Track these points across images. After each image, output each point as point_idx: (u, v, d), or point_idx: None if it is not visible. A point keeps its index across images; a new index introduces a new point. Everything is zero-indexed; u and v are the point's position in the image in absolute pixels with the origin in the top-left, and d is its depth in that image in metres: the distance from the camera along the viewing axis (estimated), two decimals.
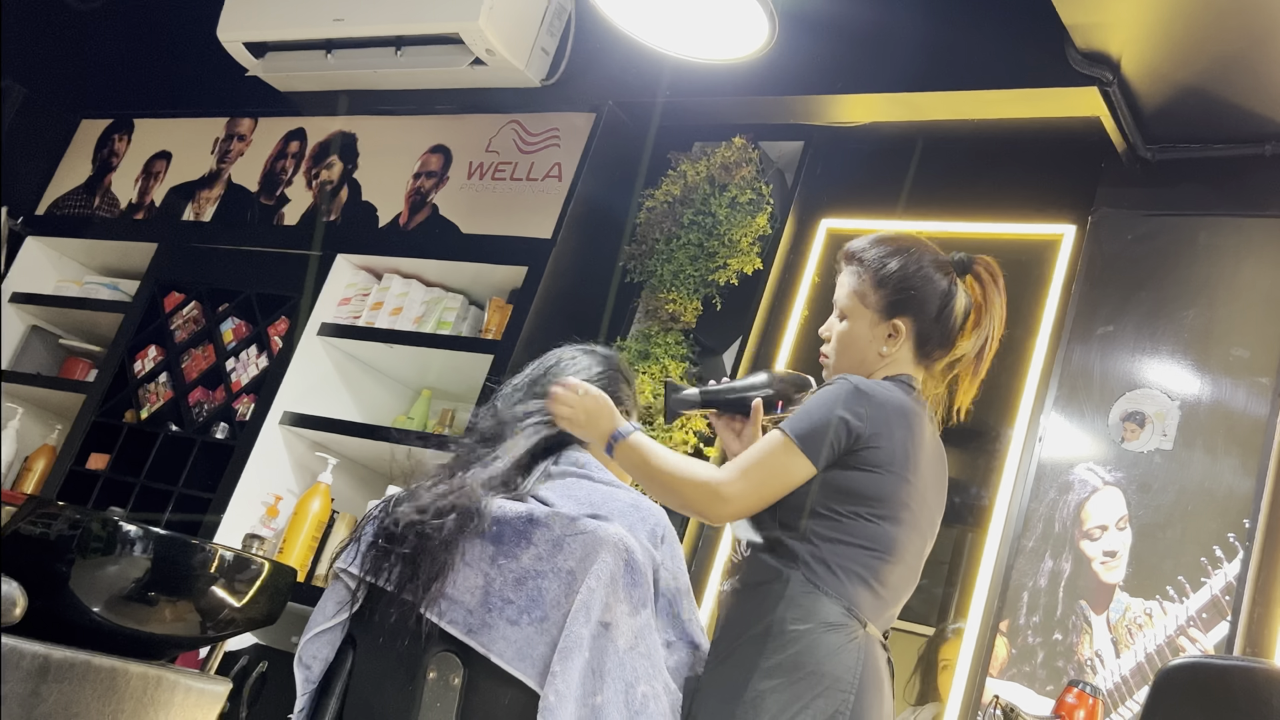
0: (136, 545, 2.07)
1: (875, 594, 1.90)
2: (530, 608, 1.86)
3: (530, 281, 3.36)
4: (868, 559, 1.90)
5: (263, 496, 3.52)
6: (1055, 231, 3.09)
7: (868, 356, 2.07)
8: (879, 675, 1.88)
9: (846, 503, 1.91)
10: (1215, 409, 2.72)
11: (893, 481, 1.93)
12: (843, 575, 1.88)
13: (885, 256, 2.08)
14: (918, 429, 1.98)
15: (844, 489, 1.91)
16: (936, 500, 2.05)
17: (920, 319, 2.06)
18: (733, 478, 1.92)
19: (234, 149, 4.23)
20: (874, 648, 1.89)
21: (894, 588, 1.95)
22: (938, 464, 2.06)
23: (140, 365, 3.94)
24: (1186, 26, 2.59)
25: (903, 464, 1.94)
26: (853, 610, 1.87)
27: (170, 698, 2.08)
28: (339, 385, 3.72)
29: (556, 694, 1.77)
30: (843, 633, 1.85)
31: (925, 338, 2.07)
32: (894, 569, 1.93)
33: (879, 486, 1.92)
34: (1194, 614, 2.57)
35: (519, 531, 1.93)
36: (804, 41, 3.17)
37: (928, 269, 2.07)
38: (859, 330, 2.08)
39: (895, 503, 1.93)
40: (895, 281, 2.06)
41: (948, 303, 2.07)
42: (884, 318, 2.06)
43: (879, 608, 1.91)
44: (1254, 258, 2.81)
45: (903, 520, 1.94)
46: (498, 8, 3.39)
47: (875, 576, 1.90)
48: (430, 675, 1.91)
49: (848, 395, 1.93)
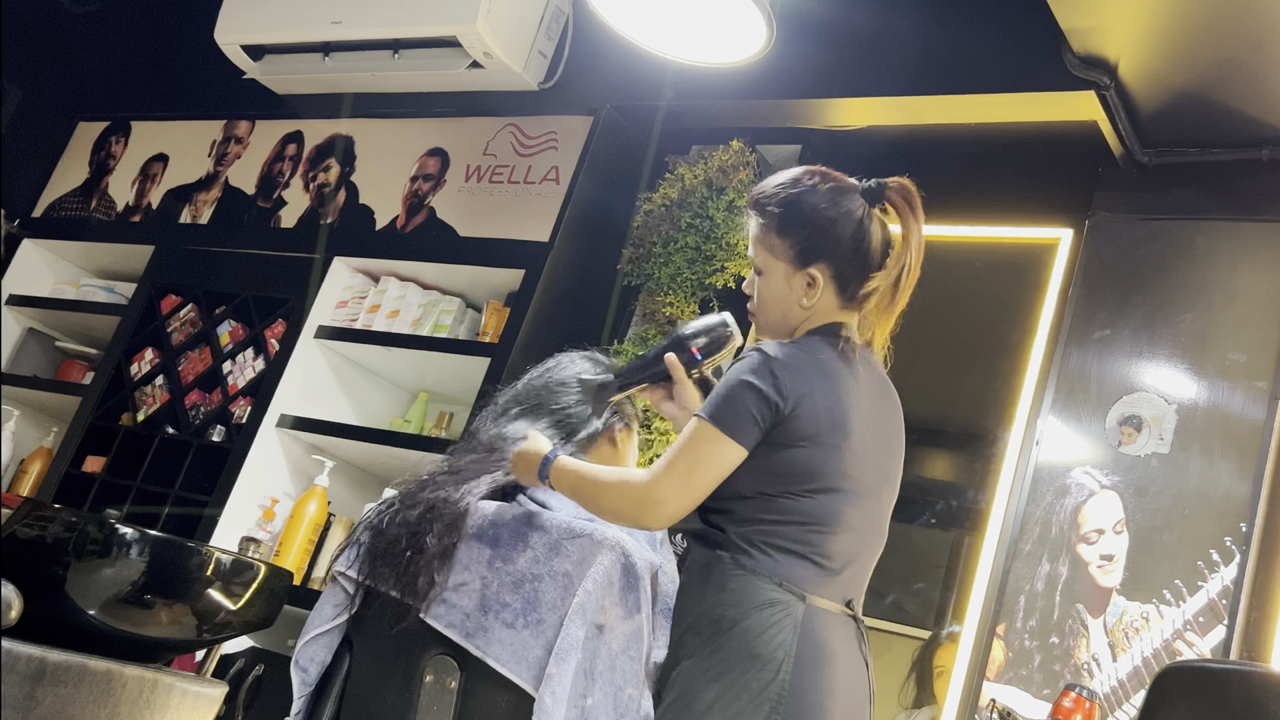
0: (133, 548, 2.07)
1: (817, 565, 1.80)
2: (527, 611, 1.86)
3: (528, 284, 3.36)
4: (803, 534, 1.80)
5: (259, 499, 3.52)
6: (1052, 235, 3.09)
7: (790, 311, 1.94)
8: (823, 645, 1.77)
9: (776, 483, 1.80)
10: (1212, 413, 2.72)
11: (822, 453, 1.81)
12: (774, 553, 1.79)
13: (786, 200, 1.93)
14: (844, 387, 1.85)
15: (771, 469, 1.81)
16: (887, 453, 1.93)
17: (836, 261, 1.90)
18: (659, 476, 1.80)
19: (231, 151, 4.22)
20: (817, 618, 1.78)
21: (844, 555, 1.83)
22: (881, 414, 1.93)
23: (137, 368, 3.93)
24: (1184, 31, 2.59)
25: (831, 431, 1.81)
26: (786, 585, 1.77)
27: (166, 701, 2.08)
28: (336, 388, 3.72)
29: (552, 695, 1.77)
30: (774, 610, 1.75)
31: (846, 279, 1.91)
32: (837, 538, 1.82)
33: (807, 461, 1.80)
34: (1191, 618, 2.57)
35: (516, 534, 1.93)
36: (802, 45, 3.17)
37: (836, 204, 1.92)
38: (775, 284, 1.94)
39: (828, 474, 1.81)
40: (801, 225, 1.91)
41: (862, 238, 1.91)
42: (797, 267, 1.92)
43: (824, 578, 1.81)
44: (1251, 262, 2.82)
45: (842, 489, 1.82)
46: (495, 11, 3.39)
47: (814, 549, 1.80)
48: (427, 678, 1.91)
49: (758, 368, 1.81)
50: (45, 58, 4.54)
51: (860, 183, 1.97)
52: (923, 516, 3.51)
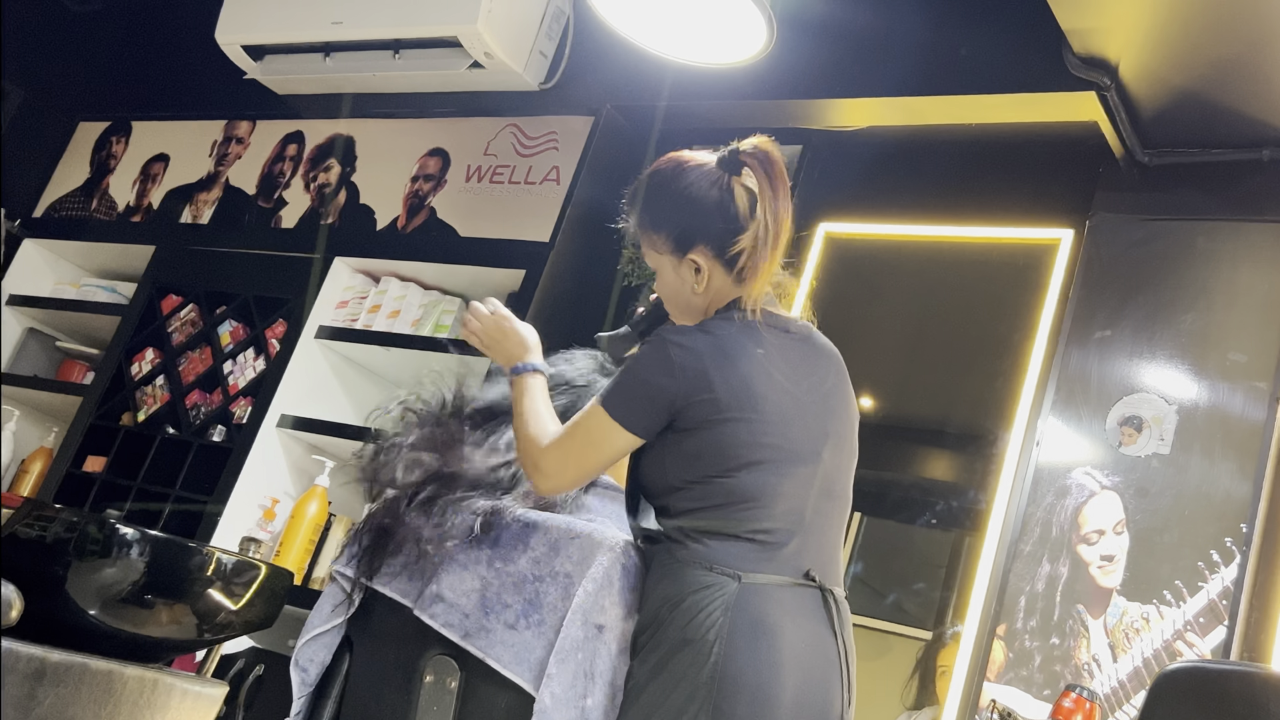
0: (133, 548, 2.07)
1: (754, 542, 1.78)
2: (528, 611, 1.86)
3: (528, 285, 3.36)
4: (733, 514, 1.78)
5: (259, 499, 3.52)
6: (1053, 236, 3.09)
7: (690, 301, 1.95)
8: (761, 620, 1.73)
9: (697, 468, 1.80)
10: (1212, 413, 2.72)
11: (733, 429, 1.79)
12: (705, 539, 1.78)
13: (648, 195, 1.96)
14: (746, 359, 1.83)
15: (689, 454, 1.80)
16: (823, 412, 1.89)
17: (711, 240, 1.90)
18: (550, 449, 1.84)
19: (232, 151, 4.22)
20: (754, 594, 1.74)
21: (785, 528, 1.80)
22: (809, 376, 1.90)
23: (137, 368, 3.93)
24: (1184, 31, 2.59)
25: (740, 405, 1.80)
26: (718, 568, 1.75)
27: (167, 701, 2.08)
28: (336, 388, 3.72)
29: (552, 696, 1.77)
30: (705, 594, 1.74)
31: (729, 255, 1.89)
32: (773, 510, 1.80)
33: (720, 440, 1.79)
34: (1191, 619, 2.57)
35: (516, 535, 1.93)
36: (802, 46, 3.17)
37: (694, 185, 1.91)
38: (668, 279, 1.96)
39: (746, 448, 1.79)
40: (668, 215, 1.93)
41: (728, 209, 1.90)
42: (679, 257, 1.93)
43: (765, 553, 1.78)
44: (1251, 262, 2.81)
45: (765, 460, 1.80)
46: (496, 11, 3.39)
47: (747, 527, 1.78)
48: (427, 678, 1.90)
49: (655, 355, 1.82)
50: (46, 57, 4.54)
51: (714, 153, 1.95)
52: (923, 517, 3.51)
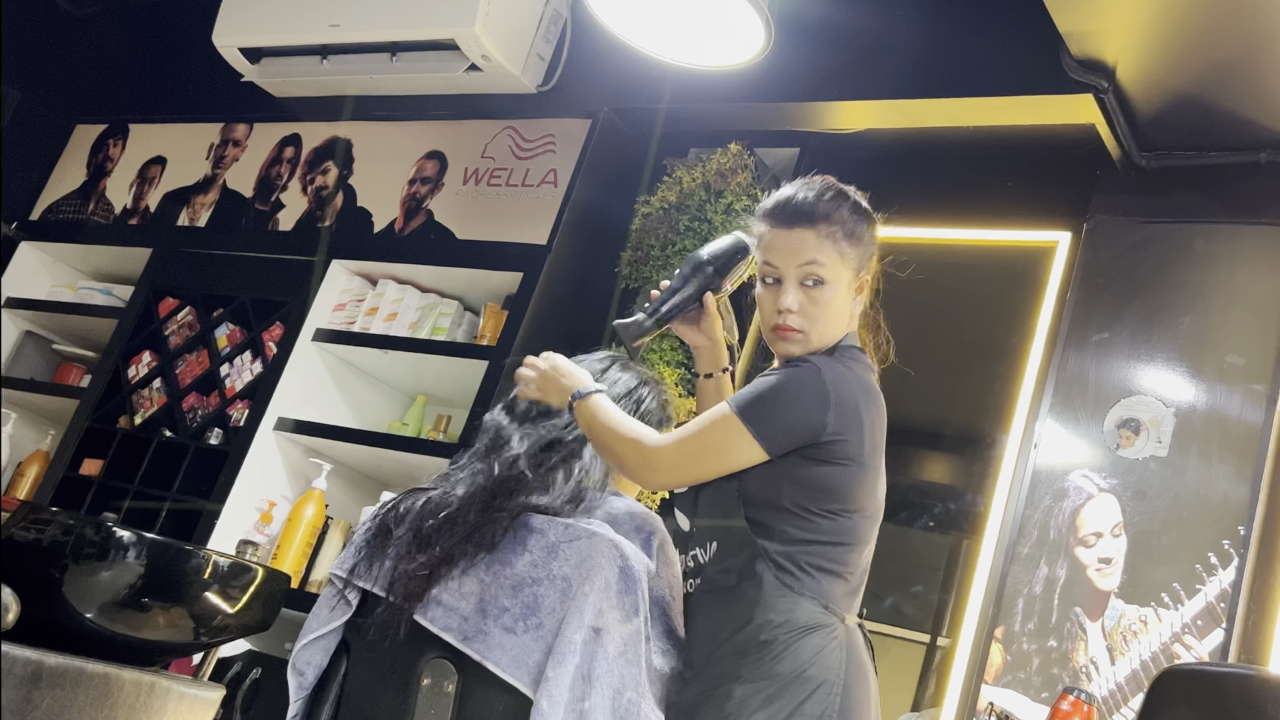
0: (130, 551, 2.07)
1: (846, 582, 1.84)
2: (527, 615, 1.86)
3: (526, 287, 3.36)
4: (838, 552, 1.82)
5: (257, 502, 3.51)
6: (1050, 238, 3.10)
7: (840, 323, 1.92)
8: (863, 665, 1.83)
9: (819, 500, 1.81)
10: (1210, 416, 2.72)
11: (860, 474, 1.83)
12: (815, 573, 1.80)
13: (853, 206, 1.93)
14: (880, 410, 1.88)
15: (815, 485, 1.81)
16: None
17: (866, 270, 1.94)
18: (667, 445, 1.83)
19: (229, 154, 4.22)
20: (855, 639, 1.83)
21: (862, 570, 1.88)
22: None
23: (134, 371, 3.93)
24: (1182, 34, 2.59)
25: (870, 453, 1.84)
26: (830, 608, 1.80)
27: (163, 704, 2.08)
28: (333, 391, 3.72)
29: (549, 699, 1.77)
30: (823, 633, 1.78)
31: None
32: (860, 553, 1.86)
33: (848, 480, 1.81)
34: (1189, 621, 2.57)
35: (514, 538, 1.92)
36: (800, 48, 3.17)
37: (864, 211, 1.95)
38: (840, 292, 1.90)
39: (864, 495, 1.84)
40: (861, 233, 1.91)
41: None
42: (856, 275, 1.92)
43: (851, 595, 1.85)
44: (1249, 265, 2.82)
45: (868, 509, 1.86)
46: (493, 14, 3.39)
47: (845, 566, 1.83)
48: (425, 682, 1.90)
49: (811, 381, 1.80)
50: (43, 60, 4.54)
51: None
52: (921, 520, 3.51)
